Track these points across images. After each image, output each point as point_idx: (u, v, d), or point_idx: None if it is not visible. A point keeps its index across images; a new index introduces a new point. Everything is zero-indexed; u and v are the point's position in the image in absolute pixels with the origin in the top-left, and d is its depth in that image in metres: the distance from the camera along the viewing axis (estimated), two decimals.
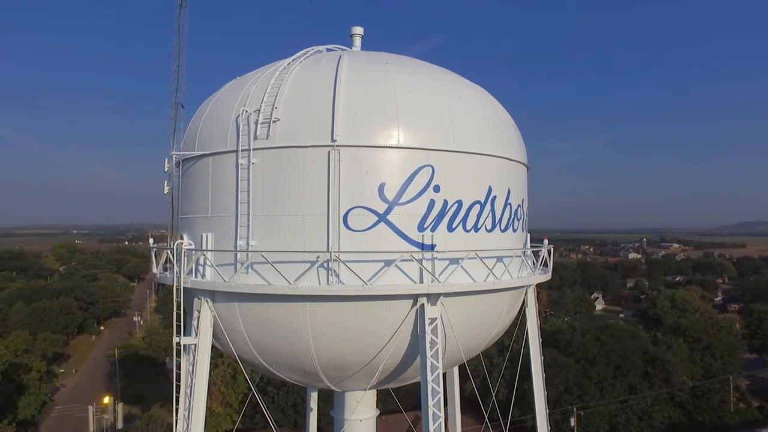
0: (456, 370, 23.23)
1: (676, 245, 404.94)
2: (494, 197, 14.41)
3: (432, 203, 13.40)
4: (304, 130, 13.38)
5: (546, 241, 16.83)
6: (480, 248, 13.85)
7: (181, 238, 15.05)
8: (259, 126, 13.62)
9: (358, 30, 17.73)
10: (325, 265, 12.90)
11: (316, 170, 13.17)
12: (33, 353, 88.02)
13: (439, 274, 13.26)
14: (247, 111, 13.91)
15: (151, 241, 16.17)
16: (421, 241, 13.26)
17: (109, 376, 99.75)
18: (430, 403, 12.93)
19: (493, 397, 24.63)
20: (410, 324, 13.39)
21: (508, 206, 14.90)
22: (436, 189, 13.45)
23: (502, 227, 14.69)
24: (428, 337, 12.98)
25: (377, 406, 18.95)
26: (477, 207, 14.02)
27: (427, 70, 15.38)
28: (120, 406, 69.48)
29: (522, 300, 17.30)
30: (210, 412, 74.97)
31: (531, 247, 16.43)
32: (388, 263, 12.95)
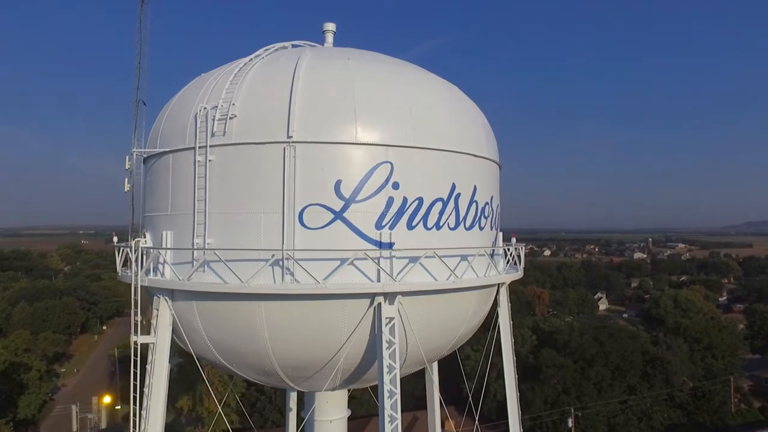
0: (436, 370, 22.95)
1: (681, 245, 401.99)
2: (458, 194, 14.13)
3: (391, 200, 13.15)
4: (261, 127, 13.18)
5: (514, 240, 16.52)
6: (442, 246, 13.59)
7: (144, 237, 14.92)
8: (216, 123, 13.44)
9: (330, 26, 17.50)
10: (280, 263, 12.68)
11: (271, 167, 12.96)
12: (33, 353, 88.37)
13: (398, 273, 13.00)
14: (205, 108, 13.73)
15: (115, 239, 16.02)
16: (378, 239, 13.02)
17: (110, 375, 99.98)
18: (387, 404, 12.67)
19: (471, 397, 24.25)
20: (368, 323, 13.16)
21: (474, 204, 14.62)
22: (396, 186, 13.20)
23: (467, 225, 14.40)
24: (385, 337, 12.73)
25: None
26: (439, 204, 13.75)
27: (391, 66, 15.12)
28: (102, 406, 69.37)
29: (493, 300, 17.01)
30: (208, 412, 75.04)
31: (499, 246, 16.09)
32: (344, 262, 12.72)
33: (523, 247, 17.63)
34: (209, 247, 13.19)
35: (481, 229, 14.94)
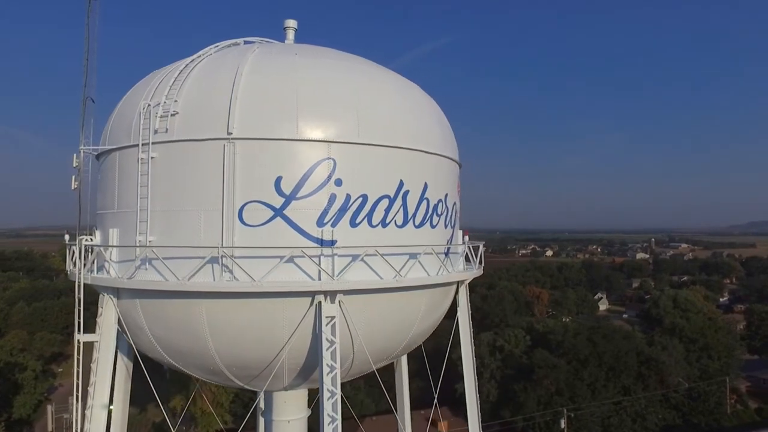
0: (405, 369, 22.71)
1: (684, 245, 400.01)
2: (407, 192, 13.93)
3: (333, 198, 12.97)
4: (202, 124, 13.05)
5: (467, 238, 16.26)
6: (388, 245, 13.39)
7: (94, 234, 14.81)
8: (159, 120, 13.30)
9: (291, 23, 17.34)
10: (219, 261, 12.52)
11: (212, 164, 12.82)
12: (29, 353, 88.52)
13: (340, 271, 12.82)
14: (149, 105, 13.59)
15: (66, 237, 15.89)
16: (320, 236, 12.83)
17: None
18: (327, 405, 12.48)
19: (448, 397, 24.01)
20: (310, 322, 12.97)
21: (425, 201, 14.40)
22: (338, 183, 13.02)
23: (417, 223, 14.19)
24: (325, 336, 12.54)
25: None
26: (385, 201, 13.55)
27: (339, 62, 14.90)
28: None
29: (450, 299, 16.78)
30: (201, 412, 75.00)
31: (455, 244, 15.85)
32: (284, 259, 12.55)
33: (482, 245, 17.38)
34: (151, 244, 13.05)
35: (433, 227, 14.72)
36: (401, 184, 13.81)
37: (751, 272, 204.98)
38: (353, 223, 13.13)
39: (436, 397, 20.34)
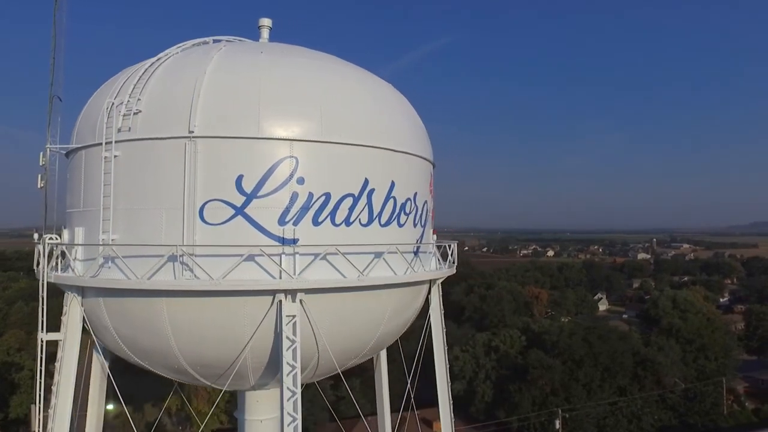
0: (384, 368, 22.61)
1: (686, 245, 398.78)
2: (372, 190, 13.87)
3: (295, 196, 12.92)
4: (164, 122, 13.04)
5: (435, 237, 16.17)
6: (351, 243, 13.33)
7: (57, 233, 14.80)
8: (122, 118, 13.28)
9: (266, 22, 17.28)
10: (180, 259, 12.49)
11: (173, 162, 12.80)
12: (27, 352, 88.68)
13: (302, 270, 12.76)
14: (113, 103, 13.57)
15: (35, 236, 15.87)
16: (281, 235, 12.79)
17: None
18: (287, 404, 12.44)
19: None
20: (272, 321, 12.92)
21: (392, 200, 14.34)
22: (300, 181, 12.97)
23: (383, 222, 14.13)
24: (285, 335, 12.49)
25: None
26: (349, 200, 13.50)
27: (306, 60, 14.82)
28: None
29: (422, 299, 16.71)
30: (197, 412, 74.96)
31: (426, 243, 15.76)
32: (246, 258, 12.50)
33: (455, 245, 17.30)
34: (113, 243, 13.02)
35: (400, 225, 14.65)
36: (366, 182, 13.75)
37: (752, 272, 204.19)
38: (316, 222, 13.08)
39: (411, 396, 20.13)
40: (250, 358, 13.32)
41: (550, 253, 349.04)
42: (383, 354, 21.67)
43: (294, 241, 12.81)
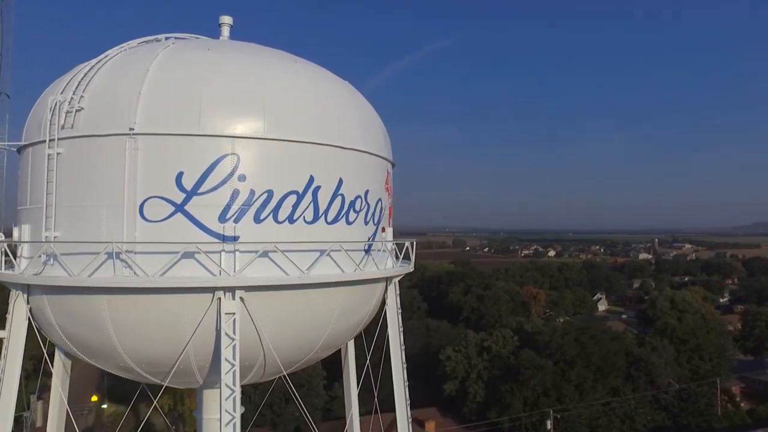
0: (353, 367, 22.49)
1: (688, 246, 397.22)
2: (318, 187, 13.78)
3: (236, 193, 12.86)
4: (106, 119, 13.00)
5: (385, 234, 16.02)
6: (296, 240, 13.25)
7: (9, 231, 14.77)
8: (65, 115, 13.25)
9: (226, 19, 17.22)
10: (120, 256, 12.44)
11: (114, 160, 12.76)
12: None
13: (243, 268, 12.69)
14: (59, 101, 13.53)
15: None
16: (222, 232, 12.72)
17: (101, 374, 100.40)
18: (224, 402, 12.37)
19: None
20: (212, 319, 12.84)
21: (339, 197, 14.24)
22: (242, 178, 12.91)
23: (330, 219, 14.04)
24: (224, 332, 12.43)
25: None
26: (293, 197, 13.42)
27: (253, 57, 14.73)
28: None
29: (378, 298, 16.61)
30: (190, 411, 75.01)
31: (374, 241, 15.62)
32: (186, 255, 12.45)
33: (413, 243, 17.19)
34: (56, 240, 12.99)
35: (349, 223, 14.55)
36: (311, 179, 13.67)
37: (753, 273, 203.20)
38: (257, 219, 13.00)
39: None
40: (194, 356, 13.25)
41: (552, 253, 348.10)
42: (351, 354, 21.56)
43: (235, 239, 12.74)
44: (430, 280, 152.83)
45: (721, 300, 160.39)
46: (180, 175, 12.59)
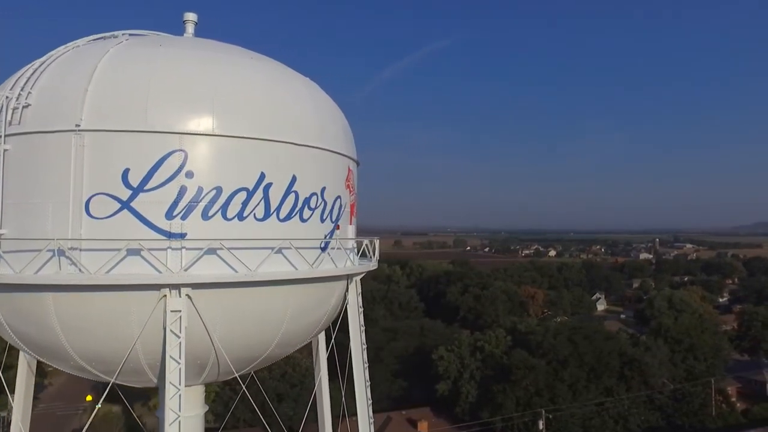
0: (324, 365, 22.30)
1: (689, 245, 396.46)
2: (269, 184, 13.65)
3: (184, 190, 12.75)
4: (52, 116, 12.91)
5: (338, 232, 15.85)
6: (246, 237, 13.14)
7: None
8: (12, 111, 13.16)
9: (190, 16, 17.11)
10: (65, 253, 12.34)
11: (60, 156, 12.66)
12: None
13: (190, 265, 12.58)
14: (9, 97, 13.44)
15: None
16: (168, 229, 12.61)
17: None
18: (168, 401, 12.26)
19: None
20: (159, 318, 12.74)
21: (293, 194, 14.11)
22: (189, 175, 12.79)
23: (282, 216, 13.91)
24: (169, 331, 12.33)
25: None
26: (243, 194, 13.30)
27: (204, 52, 14.55)
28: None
29: (339, 296, 16.47)
30: None
31: (331, 239, 15.46)
32: (132, 252, 12.35)
33: (373, 240, 17.06)
34: (3, 237, 12.90)
35: (303, 220, 14.42)
36: (262, 176, 13.55)
37: (753, 272, 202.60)
38: (205, 216, 12.89)
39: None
40: (143, 355, 13.15)
41: (552, 253, 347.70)
42: (323, 353, 21.40)
43: (182, 236, 12.64)
44: (428, 280, 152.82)
45: (721, 300, 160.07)
46: (126, 171, 12.50)
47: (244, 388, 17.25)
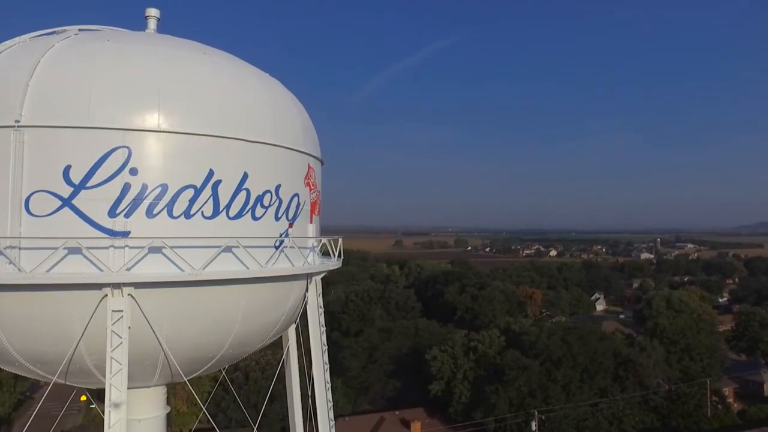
0: (295, 366, 21.96)
1: (690, 245, 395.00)
2: (218, 181, 13.35)
3: (128, 187, 12.45)
4: None
5: (290, 230, 15.46)
6: (193, 236, 12.85)
7: None
8: None
9: (153, 12, 16.82)
10: (3, 252, 12.06)
11: (0, 153, 12.34)
12: None
13: (133, 264, 12.29)
14: None
15: None
16: (111, 227, 12.32)
17: None
18: (108, 404, 11.97)
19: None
20: (102, 318, 12.44)
21: (244, 191, 13.80)
22: (133, 172, 12.50)
23: (232, 214, 13.60)
24: (110, 332, 12.05)
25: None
26: (190, 191, 12.99)
27: (151, 47, 14.16)
28: None
29: (299, 296, 16.17)
30: (176, 411, 74.93)
31: (286, 237, 15.12)
32: (73, 251, 12.05)
33: (339, 240, 16.73)
34: None
35: (255, 219, 14.09)
36: (211, 173, 13.24)
37: (754, 272, 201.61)
38: (150, 214, 12.59)
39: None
40: (87, 355, 12.87)
41: (553, 253, 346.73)
42: (293, 353, 21.06)
43: (125, 234, 12.35)
44: (426, 280, 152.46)
45: (721, 300, 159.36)
46: (68, 168, 12.20)
47: (233, 389, 16.87)
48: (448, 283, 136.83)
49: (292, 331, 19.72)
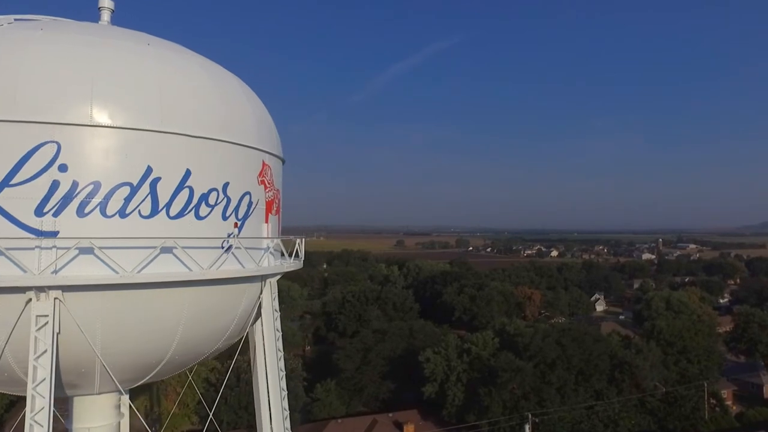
0: (262, 368, 21.11)
1: (692, 246, 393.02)
2: (157, 178, 12.60)
3: (56, 184, 11.71)
4: None
5: (235, 231, 14.63)
6: (129, 236, 12.11)
7: None
8: None
9: (107, 3, 16.13)
10: None
11: None
12: None
13: (62, 266, 11.57)
14: None
15: None
16: (39, 227, 11.60)
17: None
18: (30, 414, 11.24)
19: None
20: (28, 323, 11.70)
21: (186, 189, 13.04)
22: (63, 168, 11.76)
23: (173, 213, 12.85)
24: (33, 339, 11.31)
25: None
26: (125, 189, 12.25)
27: (91, 38, 13.38)
28: None
29: (254, 299, 15.41)
30: (167, 413, 74.32)
31: (237, 237, 14.36)
32: None
33: (301, 240, 15.99)
34: None
35: (199, 218, 13.33)
36: (149, 170, 12.50)
37: (755, 273, 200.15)
38: (81, 213, 11.85)
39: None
40: (15, 363, 12.14)
41: (554, 253, 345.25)
42: (260, 353, 20.25)
43: (53, 234, 11.62)
44: (424, 281, 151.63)
45: (721, 300, 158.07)
46: None
47: (221, 390, 16.13)
48: (446, 283, 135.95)
49: (258, 334, 18.96)
